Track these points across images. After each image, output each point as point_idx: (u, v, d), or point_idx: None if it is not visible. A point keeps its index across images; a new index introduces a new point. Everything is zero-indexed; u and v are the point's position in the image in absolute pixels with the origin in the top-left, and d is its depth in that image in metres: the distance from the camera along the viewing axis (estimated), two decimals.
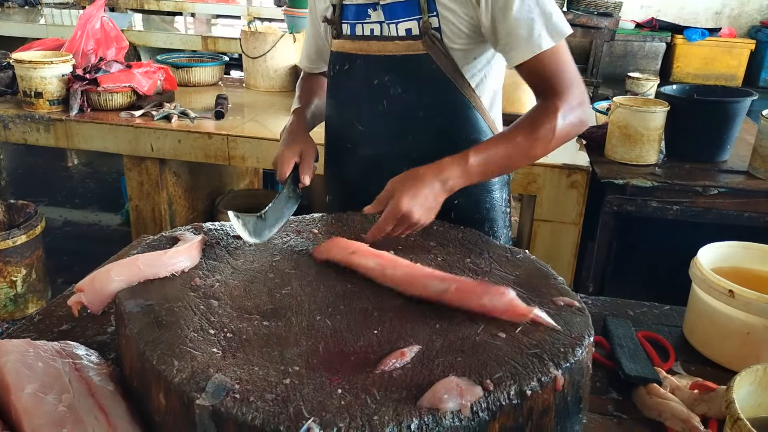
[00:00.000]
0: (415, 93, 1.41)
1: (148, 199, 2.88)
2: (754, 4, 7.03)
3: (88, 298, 1.06)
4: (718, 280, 1.20)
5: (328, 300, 1.08)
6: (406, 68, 1.39)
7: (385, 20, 1.38)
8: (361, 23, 1.42)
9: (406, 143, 1.44)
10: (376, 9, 1.38)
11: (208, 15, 6.23)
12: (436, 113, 1.42)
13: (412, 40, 1.36)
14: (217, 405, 0.81)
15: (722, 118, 2.48)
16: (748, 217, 2.35)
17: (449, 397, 0.83)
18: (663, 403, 1.06)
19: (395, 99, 1.42)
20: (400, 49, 1.38)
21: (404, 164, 1.42)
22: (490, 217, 1.55)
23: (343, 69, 1.48)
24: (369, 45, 1.41)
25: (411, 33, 1.36)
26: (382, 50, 1.40)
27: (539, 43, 1.28)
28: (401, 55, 1.38)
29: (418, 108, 1.41)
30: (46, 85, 2.81)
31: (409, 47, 1.37)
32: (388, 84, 1.41)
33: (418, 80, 1.40)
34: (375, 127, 1.47)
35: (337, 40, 1.48)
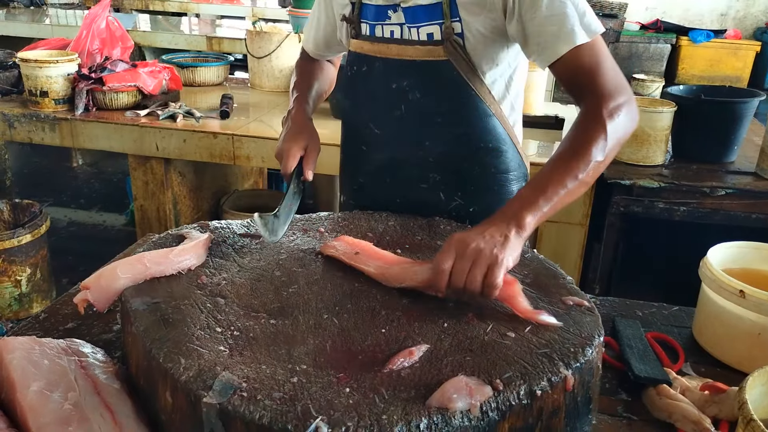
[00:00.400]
0: (434, 98, 1.38)
1: (153, 199, 2.87)
2: (760, 6, 7.01)
3: (94, 296, 1.05)
4: (728, 280, 1.19)
5: (336, 298, 1.07)
6: (425, 74, 1.36)
7: (405, 23, 1.35)
8: (381, 24, 1.38)
9: (422, 148, 1.41)
10: (396, 11, 1.35)
11: (213, 16, 6.24)
12: (454, 119, 1.39)
13: (433, 46, 1.33)
14: (225, 403, 0.80)
15: (729, 119, 2.47)
16: (756, 219, 2.33)
17: (458, 396, 0.83)
18: (673, 404, 1.05)
19: (413, 104, 1.39)
20: (420, 54, 1.34)
21: (420, 168, 1.42)
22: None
23: (361, 71, 1.44)
24: (388, 48, 1.38)
25: (432, 38, 1.33)
26: (401, 54, 1.37)
27: (573, 39, 1.20)
28: (421, 60, 1.34)
29: (437, 113, 1.38)
30: (52, 84, 2.81)
31: (430, 53, 1.33)
32: (407, 89, 1.38)
33: (437, 86, 1.36)
34: (392, 131, 1.44)
35: (356, 40, 1.44)
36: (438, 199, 1.44)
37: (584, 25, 1.22)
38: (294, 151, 1.38)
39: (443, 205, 1.44)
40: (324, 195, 3.90)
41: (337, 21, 1.49)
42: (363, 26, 1.42)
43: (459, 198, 1.45)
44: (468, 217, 1.41)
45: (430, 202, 1.43)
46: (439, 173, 1.44)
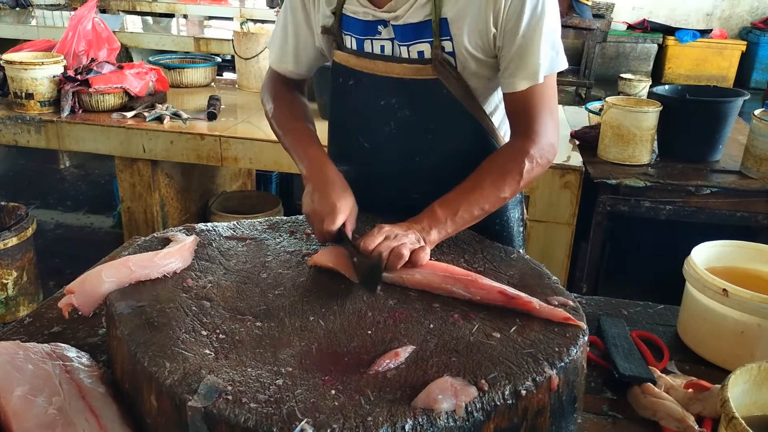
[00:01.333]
0: (424, 116, 1.36)
1: (140, 201, 2.86)
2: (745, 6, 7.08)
3: (79, 300, 1.04)
4: (712, 279, 1.20)
5: (322, 300, 1.07)
6: (414, 92, 1.33)
7: (395, 38, 1.32)
8: (370, 39, 1.35)
9: (413, 163, 1.40)
10: (386, 26, 1.32)
11: (201, 16, 6.22)
12: (446, 136, 1.38)
13: (421, 64, 1.30)
14: (210, 407, 0.80)
15: (714, 118, 2.49)
16: (741, 217, 2.36)
17: (444, 397, 0.83)
18: (658, 402, 1.06)
19: (403, 120, 1.36)
20: (407, 72, 1.32)
21: (412, 180, 1.39)
22: (503, 236, 1.50)
23: (347, 84, 1.41)
24: (375, 64, 1.34)
25: (423, 56, 1.30)
26: (388, 71, 1.33)
27: (534, 78, 1.26)
28: (409, 78, 1.32)
29: (427, 131, 1.37)
30: (37, 87, 2.79)
31: (418, 71, 1.31)
32: (396, 106, 1.36)
33: (427, 104, 1.35)
34: (382, 146, 1.41)
35: (340, 52, 1.40)
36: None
37: (549, 62, 1.27)
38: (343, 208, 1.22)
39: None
40: None
41: (316, 33, 1.43)
42: (347, 38, 1.38)
43: None
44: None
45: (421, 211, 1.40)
46: (432, 184, 1.40)
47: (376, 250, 1.13)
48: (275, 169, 3.13)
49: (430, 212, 1.23)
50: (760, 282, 1.29)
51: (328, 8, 1.37)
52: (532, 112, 1.29)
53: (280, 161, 2.69)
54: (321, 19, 1.40)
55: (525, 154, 1.26)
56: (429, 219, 1.21)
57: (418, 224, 1.20)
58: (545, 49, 1.25)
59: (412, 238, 1.17)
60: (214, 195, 3.43)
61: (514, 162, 1.27)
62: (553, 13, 1.27)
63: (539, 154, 1.27)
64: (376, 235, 1.16)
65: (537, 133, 1.28)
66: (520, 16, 1.23)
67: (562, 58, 1.30)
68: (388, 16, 1.30)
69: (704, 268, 1.26)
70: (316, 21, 1.42)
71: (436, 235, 1.21)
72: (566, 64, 1.30)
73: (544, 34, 1.25)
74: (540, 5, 1.24)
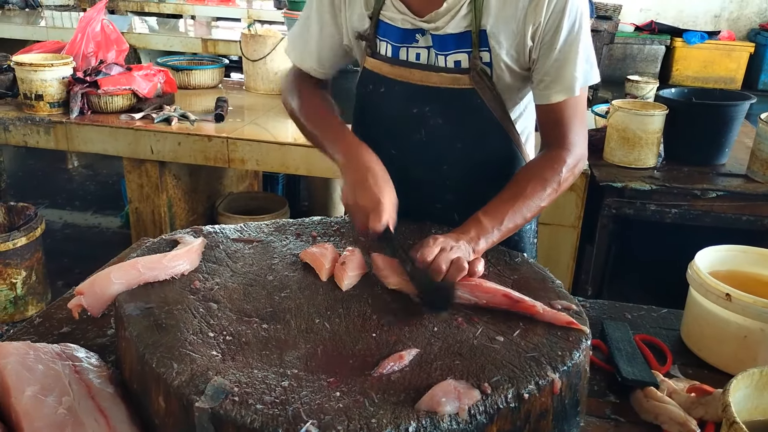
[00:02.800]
0: (456, 125, 1.37)
1: (148, 202, 2.88)
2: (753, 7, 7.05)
3: (88, 301, 1.06)
4: (715, 283, 1.21)
5: (327, 303, 1.09)
6: (449, 101, 1.34)
7: (433, 47, 1.32)
8: (406, 47, 1.35)
9: (441, 171, 1.41)
10: (424, 35, 1.32)
11: (208, 18, 6.25)
12: (475, 146, 1.38)
13: (459, 74, 1.31)
14: (216, 408, 0.82)
15: (720, 122, 2.49)
16: (747, 221, 2.35)
17: (447, 400, 0.84)
18: (660, 406, 1.06)
19: (434, 129, 1.37)
20: (444, 81, 1.32)
21: (436, 189, 1.40)
22: (520, 246, 1.50)
23: (378, 91, 1.40)
24: (411, 73, 1.35)
25: (460, 65, 1.31)
26: (424, 80, 1.34)
27: (570, 91, 1.28)
28: (445, 87, 1.33)
29: (457, 140, 1.38)
30: (47, 88, 2.81)
31: (455, 81, 1.32)
32: (429, 114, 1.36)
33: (460, 114, 1.35)
34: (410, 153, 1.41)
35: (372, 59, 1.39)
36: (452, 219, 1.39)
37: (584, 75, 1.29)
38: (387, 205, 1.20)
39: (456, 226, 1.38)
40: (320, 197, 3.91)
41: (351, 37, 1.42)
42: (382, 45, 1.37)
43: None
44: None
45: (443, 221, 1.39)
46: (454, 195, 1.43)
47: (436, 263, 1.10)
48: (282, 170, 3.15)
49: (476, 222, 1.21)
50: (764, 286, 1.30)
51: (365, 11, 1.36)
52: (566, 123, 1.32)
53: (286, 163, 2.71)
54: (356, 21, 1.39)
55: (562, 164, 1.29)
56: (476, 229, 1.20)
57: (466, 234, 1.19)
58: (581, 63, 1.28)
59: (465, 250, 1.15)
60: (221, 196, 3.45)
61: (553, 171, 1.29)
62: (588, 27, 1.29)
63: (574, 163, 1.31)
64: (432, 246, 1.13)
65: (572, 143, 1.31)
66: (558, 30, 1.25)
67: (595, 71, 1.32)
68: (427, 26, 1.31)
69: (708, 272, 1.26)
70: (347, 21, 1.40)
71: (483, 244, 1.19)
72: (599, 77, 1.32)
73: (581, 47, 1.28)
74: (578, 20, 1.26)
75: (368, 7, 1.36)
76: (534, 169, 1.32)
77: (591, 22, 5.89)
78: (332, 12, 1.41)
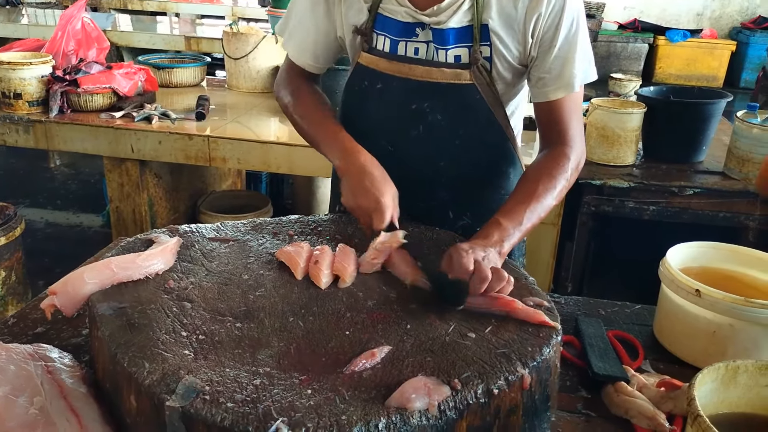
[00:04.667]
0: (454, 121, 1.37)
1: (129, 201, 2.87)
2: (735, 6, 7.12)
3: (61, 301, 1.06)
4: (685, 279, 1.23)
5: (302, 301, 1.09)
6: (449, 96, 1.34)
7: (433, 41, 1.32)
8: (405, 41, 1.34)
9: (437, 168, 1.41)
10: (424, 29, 1.32)
11: (193, 15, 6.22)
12: (472, 142, 1.39)
13: (460, 69, 1.31)
14: (187, 406, 0.82)
15: (698, 120, 2.52)
16: (723, 217, 2.39)
17: (417, 396, 0.85)
18: (630, 400, 1.08)
19: (433, 125, 1.37)
20: (446, 77, 1.32)
21: (431, 186, 1.40)
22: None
23: (374, 87, 1.39)
24: (411, 69, 1.34)
25: (460, 60, 1.32)
26: (425, 76, 1.33)
27: (569, 89, 1.30)
28: (446, 83, 1.33)
29: (455, 136, 1.38)
30: (26, 87, 2.79)
31: (456, 76, 1.32)
32: (427, 110, 1.36)
33: (459, 109, 1.36)
34: (406, 149, 1.40)
35: (368, 54, 1.38)
36: (446, 217, 1.42)
37: (583, 72, 1.30)
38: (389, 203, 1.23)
39: (450, 223, 1.42)
40: (303, 195, 3.91)
41: (346, 29, 1.41)
42: (380, 40, 1.36)
43: (468, 218, 1.45)
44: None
45: (437, 218, 1.40)
46: (450, 192, 1.43)
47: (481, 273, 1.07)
48: (263, 169, 3.15)
49: (496, 225, 1.21)
50: (735, 282, 1.32)
51: (365, 4, 1.36)
52: (566, 120, 1.33)
53: (268, 161, 2.71)
54: (353, 14, 1.38)
55: (568, 161, 1.31)
56: (498, 232, 1.20)
57: (490, 239, 1.18)
58: (581, 60, 1.30)
59: (495, 256, 1.15)
60: (204, 194, 3.44)
61: (561, 169, 1.30)
62: (585, 25, 1.31)
63: (577, 159, 1.33)
64: (467, 257, 1.10)
65: (573, 140, 1.33)
66: (558, 27, 1.26)
67: (593, 69, 1.33)
68: (429, 19, 1.31)
69: (680, 268, 1.28)
70: (343, 15, 1.39)
71: (507, 246, 1.20)
72: (596, 75, 1.34)
73: (580, 45, 1.29)
74: (577, 17, 1.28)
75: (367, 0, 1.35)
76: (542, 168, 1.32)
77: None
78: (326, 8, 1.41)
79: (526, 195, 1.27)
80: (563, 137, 1.33)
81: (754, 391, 0.96)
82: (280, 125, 3.00)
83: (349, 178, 1.28)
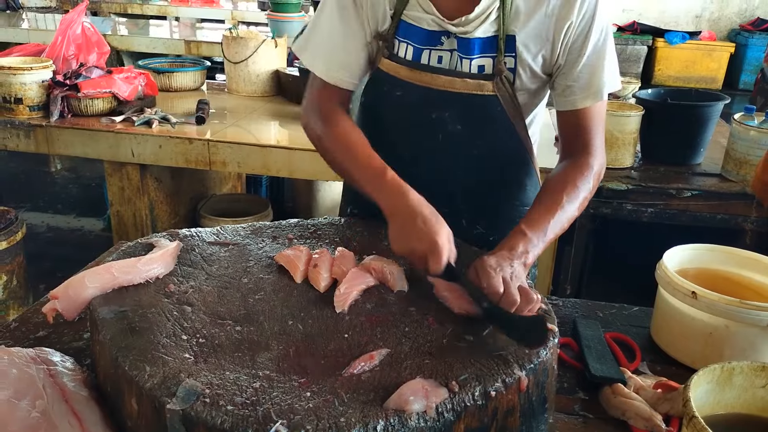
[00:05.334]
0: (474, 132, 1.36)
1: (130, 205, 2.88)
2: (734, 8, 7.13)
3: (63, 306, 1.07)
4: (681, 282, 1.24)
5: (301, 304, 1.10)
6: (470, 107, 1.33)
7: (457, 50, 1.31)
8: (429, 49, 1.32)
9: (453, 178, 1.41)
10: (449, 37, 1.31)
11: (193, 19, 6.24)
12: (491, 153, 1.38)
13: (483, 80, 1.30)
14: (187, 409, 0.83)
15: (695, 122, 2.53)
16: (721, 219, 2.39)
17: (415, 398, 0.86)
18: (627, 402, 1.09)
19: (452, 135, 1.36)
20: (468, 87, 1.31)
21: (446, 195, 1.33)
22: None
23: (393, 94, 1.37)
24: (433, 78, 1.32)
25: (483, 70, 1.31)
26: (448, 86, 1.32)
27: (598, 97, 1.29)
28: (468, 93, 1.31)
29: (474, 146, 1.37)
30: (26, 91, 2.80)
31: (479, 87, 1.31)
32: (448, 120, 1.35)
33: (480, 120, 1.35)
34: (423, 158, 1.39)
35: (389, 61, 1.35)
36: (459, 226, 1.34)
37: (610, 81, 1.30)
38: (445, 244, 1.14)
39: (464, 232, 1.36)
40: (304, 198, 3.93)
41: (367, 37, 1.37)
42: (402, 46, 1.34)
43: (481, 227, 1.45)
44: (486, 245, 1.32)
45: (450, 226, 1.30)
46: (465, 201, 1.42)
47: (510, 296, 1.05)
48: (263, 172, 3.15)
49: (521, 236, 1.18)
50: (731, 284, 1.33)
51: (390, 9, 1.33)
52: (591, 129, 1.32)
53: (268, 165, 2.72)
54: (379, 20, 1.35)
55: (590, 170, 1.30)
56: (524, 243, 1.17)
57: (515, 251, 1.15)
58: (609, 69, 1.29)
59: (520, 270, 1.12)
60: (204, 198, 3.45)
61: (584, 179, 1.29)
62: (612, 33, 1.31)
63: (600, 169, 1.32)
64: (495, 275, 1.08)
65: (597, 150, 1.32)
66: (588, 35, 1.27)
67: (618, 77, 1.33)
68: (456, 29, 1.29)
69: (677, 270, 1.29)
70: (369, 19, 1.35)
71: (532, 257, 1.18)
72: (620, 84, 1.34)
73: (608, 53, 1.29)
74: (606, 26, 1.28)
75: (391, 6, 1.33)
76: (567, 178, 1.30)
77: None
78: (356, 14, 1.35)
79: (550, 205, 1.25)
80: (587, 147, 1.32)
81: (750, 393, 0.97)
82: (280, 129, 3.01)
83: (399, 220, 1.18)
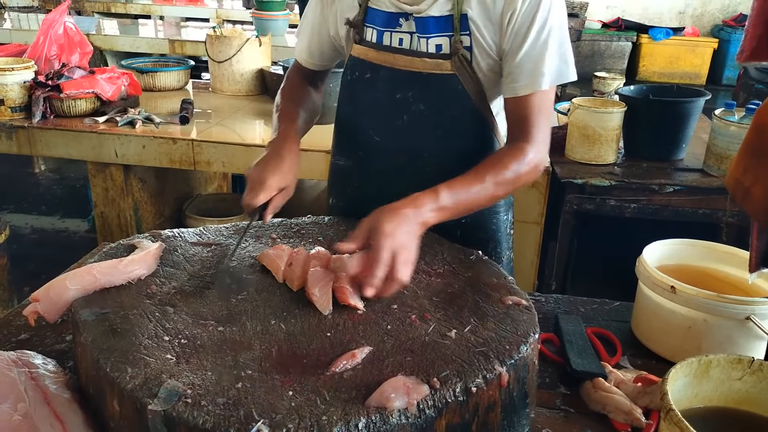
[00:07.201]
0: (437, 112, 1.39)
1: (114, 206, 2.87)
2: (717, 4, 7.19)
3: (44, 308, 1.06)
4: (660, 276, 1.25)
5: (283, 304, 1.11)
6: (431, 86, 1.37)
7: (416, 32, 1.35)
8: (389, 31, 1.38)
9: (421, 158, 1.43)
10: (408, 19, 1.35)
11: (177, 18, 6.20)
12: (455, 134, 1.41)
13: (441, 59, 1.34)
14: (169, 410, 0.83)
15: (677, 118, 2.55)
16: (703, 214, 2.42)
17: (396, 395, 0.86)
18: (607, 396, 1.10)
19: (416, 115, 1.39)
20: (428, 66, 1.35)
21: (417, 178, 1.35)
22: (496, 238, 1.55)
23: (363, 77, 1.44)
24: (395, 58, 1.38)
25: (441, 50, 1.34)
26: (408, 66, 1.37)
27: (538, 85, 1.30)
28: (428, 72, 1.35)
29: (438, 126, 1.40)
30: (8, 92, 2.78)
31: (438, 66, 1.34)
32: (411, 99, 1.39)
33: (442, 99, 1.38)
34: (391, 139, 1.44)
35: (359, 45, 1.43)
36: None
37: (555, 72, 1.30)
38: (272, 188, 1.28)
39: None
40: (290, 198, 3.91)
41: (339, 24, 1.46)
42: (368, 31, 1.41)
43: None
44: (459, 229, 1.40)
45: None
46: (434, 182, 1.39)
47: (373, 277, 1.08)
48: None
49: (432, 194, 1.20)
50: (710, 279, 1.35)
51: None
52: (531, 118, 1.32)
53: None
54: (347, 9, 1.43)
55: (524, 156, 1.30)
56: (431, 201, 1.19)
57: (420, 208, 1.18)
58: (553, 59, 1.30)
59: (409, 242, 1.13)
60: (189, 198, 3.43)
61: (515, 162, 1.29)
62: (564, 25, 1.31)
63: (535, 158, 1.31)
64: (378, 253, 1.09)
65: (535, 138, 1.32)
66: (532, 24, 1.28)
67: (571, 70, 1.33)
68: (410, 8, 1.34)
69: (657, 266, 1.31)
70: (337, 12, 1.46)
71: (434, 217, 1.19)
72: (575, 76, 1.33)
73: (553, 44, 1.29)
74: (551, 15, 1.28)
75: None
76: (496, 158, 1.32)
77: None
78: (321, 5, 1.49)
79: (473, 179, 1.26)
80: (526, 135, 1.32)
81: (727, 385, 0.99)
82: (265, 128, 3.00)
83: (265, 153, 1.35)
